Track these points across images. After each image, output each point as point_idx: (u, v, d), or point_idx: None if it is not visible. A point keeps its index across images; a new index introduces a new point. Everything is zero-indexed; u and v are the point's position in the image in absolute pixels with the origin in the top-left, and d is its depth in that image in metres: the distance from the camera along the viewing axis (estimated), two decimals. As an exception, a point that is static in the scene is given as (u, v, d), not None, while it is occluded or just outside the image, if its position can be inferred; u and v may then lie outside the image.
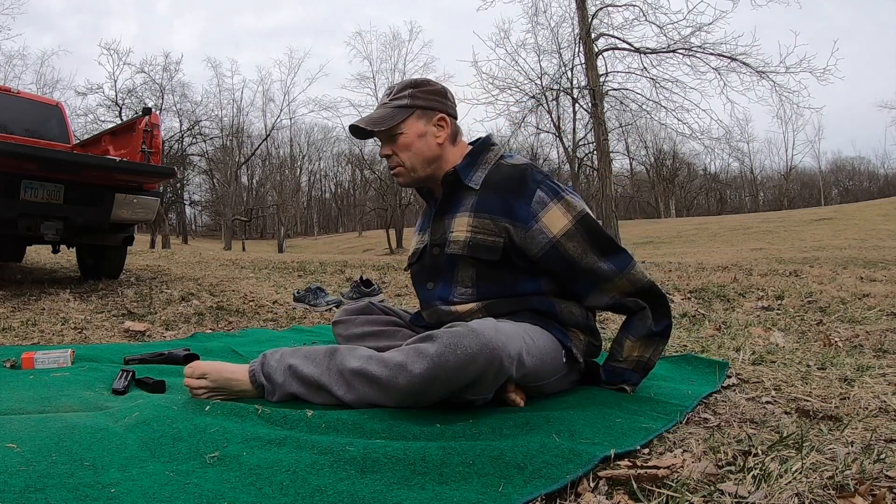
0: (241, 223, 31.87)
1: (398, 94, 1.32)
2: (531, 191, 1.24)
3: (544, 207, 1.23)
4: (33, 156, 2.83)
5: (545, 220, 1.23)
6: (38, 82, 25.37)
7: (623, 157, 32.96)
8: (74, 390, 1.24)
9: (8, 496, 0.70)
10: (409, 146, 1.31)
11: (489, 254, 1.25)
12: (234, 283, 3.96)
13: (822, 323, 2.33)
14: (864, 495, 0.73)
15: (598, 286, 1.27)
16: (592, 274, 1.25)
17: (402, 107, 1.30)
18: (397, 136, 1.31)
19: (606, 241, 1.26)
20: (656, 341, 1.30)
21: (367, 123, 1.30)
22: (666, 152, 38.70)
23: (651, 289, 1.29)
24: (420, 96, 1.31)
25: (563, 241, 1.23)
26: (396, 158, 1.33)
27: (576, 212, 1.24)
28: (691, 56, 10.04)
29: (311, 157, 42.16)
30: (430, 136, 1.31)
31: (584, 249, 1.24)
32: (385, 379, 1.06)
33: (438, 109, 1.32)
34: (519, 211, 1.24)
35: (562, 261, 1.24)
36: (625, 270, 1.26)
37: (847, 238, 14.84)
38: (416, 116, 1.30)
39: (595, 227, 1.25)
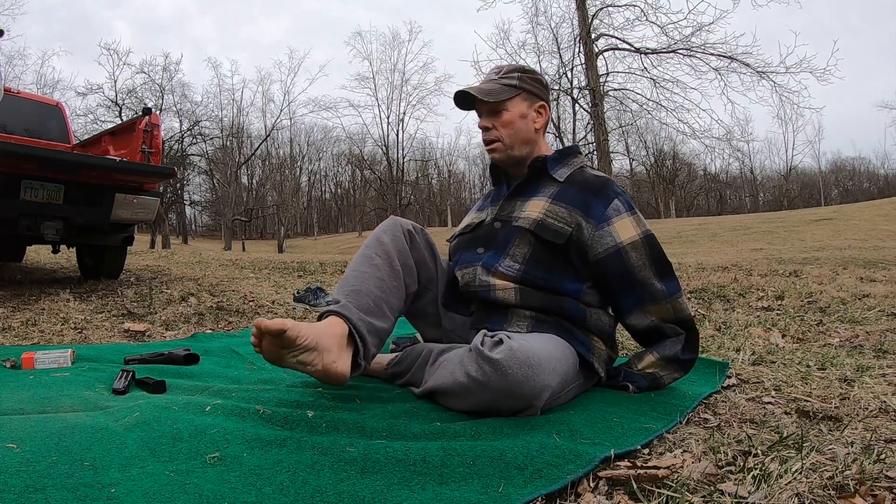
0: (241, 223, 31.87)
1: (508, 74, 1.38)
2: (609, 198, 1.31)
3: (618, 215, 1.29)
4: (33, 156, 2.83)
5: (617, 225, 1.28)
6: (38, 82, 25.37)
7: (623, 157, 33.00)
8: (74, 390, 1.24)
9: (8, 496, 0.70)
10: (511, 124, 1.36)
11: (554, 236, 1.28)
12: (234, 284, 3.96)
13: (822, 323, 2.33)
14: (864, 496, 0.73)
15: (644, 304, 1.30)
16: (644, 288, 1.29)
17: (510, 86, 1.36)
18: (501, 112, 1.36)
19: (666, 264, 1.30)
20: (675, 367, 1.32)
21: (478, 92, 1.34)
22: (666, 153, 38.73)
23: (689, 322, 1.33)
24: (529, 81, 1.38)
25: (628, 248, 1.27)
26: (495, 133, 1.37)
27: (645, 228, 1.31)
28: (692, 56, 10.06)
29: (311, 158, 42.20)
30: (529, 120, 1.37)
31: (643, 263, 1.28)
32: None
33: (541, 98, 1.40)
34: (595, 210, 1.29)
35: (621, 267, 1.28)
36: (673, 296, 1.30)
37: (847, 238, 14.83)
38: (522, 98, 1.37)
39: (659, 249, 1.31)
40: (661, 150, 38.67)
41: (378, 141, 31.03)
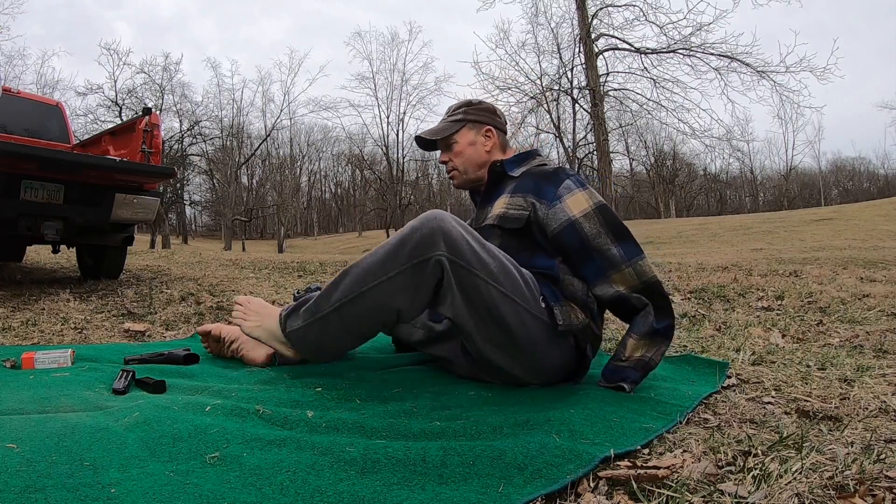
0: (241, 223, 31.86)
1: (454, 112, 1.58)
2: (561, 179, 1.40)
3: (569, 192, 1.38)
4: (33, 156, 2.83)
5: (568, 201, 1.36)
6: (38, 82, 25.37)
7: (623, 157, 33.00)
8: (74, 390, 1.23)
9: (8, 496, 0.70)
10: (462, 153, 1.54)
11: (514, 223, 1.40)
12: (234, 284, 3.96)
13: (822, 323, 2.33)
14: (864, 496, 0.73)
15: (605, 272, 1.33)
16: (601, 255, 1.33)
17: (456, 121, 1.55)
18: (452, 145, 1.55)
19: (621, 228, 1.35)
20: (658, 341, 1.32)
21: (428, 134, 1.56)
22: (666, 153, 38.73)
23: (655, 286, 1.34)
24: (472, 112, 1.55)
25: (580, 220, 1.34)
26: (451, 164, 1.56)
27: (597, 199, 1.37)
28: (691, 56, 10.06)
29: (311, 158, 42.21)
30: (479, 145, 1.54)
31: (598, 231, 1.34)
32: None
33: (486, 123, 1.55)
34: (546, 191, 1.39)
35: (576, 238, 1.34)
36: (633, 259, 1.33)
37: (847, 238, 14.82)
38: (468, 128, 1.54)
39: (613, 216, 1.36)
40: (661, 150, 38.69)
41: (378, 141, 31.05)
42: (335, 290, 1.30)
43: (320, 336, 1.33)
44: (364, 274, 1.26)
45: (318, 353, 1.38)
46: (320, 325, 1.32)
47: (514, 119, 13.87)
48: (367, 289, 1.25)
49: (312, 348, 1.37)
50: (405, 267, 1.22)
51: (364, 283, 1.25)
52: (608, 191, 9.76)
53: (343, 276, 1.30)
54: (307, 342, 1.35)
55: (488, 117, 1.56)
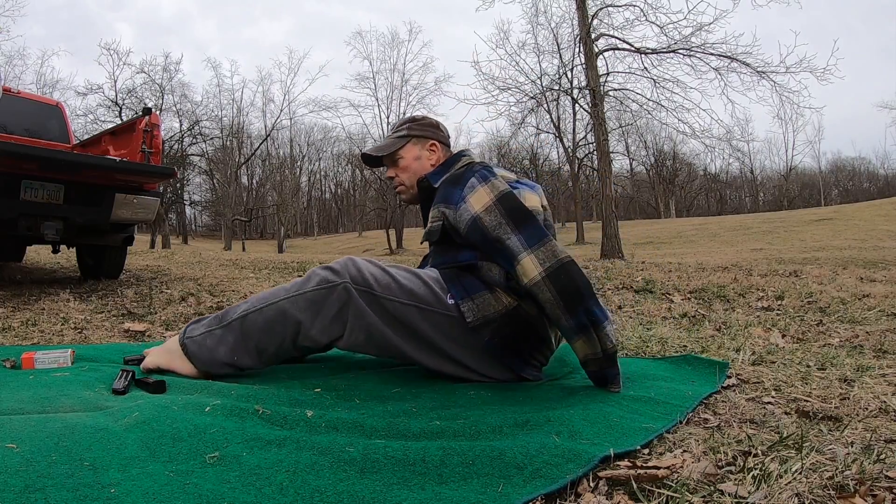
0: (241, 223, 31.87)
1: (398, 128, 1.60)
2: (466, 179, 1.41)
3: (472, 190, 1.38)
4: (33, 156, 2.83)
5: (471, 199, 1.37)
6: (38, 82, 25.37)
7: (623, 157, 33.05)
8: (74, 390, 1.23)
9: (8, 496, 0.70)
10: (407, 168, 1.57)
11: (434, 236, 1.46)
12: (234, 284, 3.96)
13: (822, 323, 2.33)
14: (864, 496, 0.73)
15: (511, 264, 1.32)
16: (502, 245, 1.32)
17: (400, 136, 1.58)
18: (398, 160, 1.57)
19: (522, 214, 1.33)
20: (589, 331, 1.26)
21: (373, 150, 1.59)
22: (666, 153, 38.73)
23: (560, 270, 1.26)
24: (416, 128, 1.58)
25: (481, 215, 1.34)
26: (398, 178, 1.59)
27: (497, 191, 1.36)
28: (691, 56, 10.04)
29: (311, 158, 42.23)
30: (424, 159, 1.56)
31: (498, 222, 1.33)
32: None
33: (430, 137, 1.58)
34: (453, 195, 1.41)
35: (479, 234, 1.35)
36: (533, 247, 1.29)
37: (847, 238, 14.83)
38: (412, 143, 1.57)
39: (514, 203, 1.35)
40: (661, 150, 38.69)
41: (378, 141, 31.02)
42: (244, 303, 1.39)
43: (217, 345, 1.35)
44: (277, 290, 1.37)
45: (210, 362, 1.36)
46: (221, 333, 1.35)
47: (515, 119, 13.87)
48: (275, 301, 1.34)
49: (206, 357, 1.35)
50: (314, 288, 1.33)
51: (274, 296, 1.35)
52: (608, 191, 9.74)
53: (255, 295, 1.40)
54: (203, 349, 1.35)
55: (432, 132, 1.59)
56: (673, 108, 10.67)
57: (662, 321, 2.50)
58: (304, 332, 1.33)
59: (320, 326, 1.33)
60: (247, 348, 1.35)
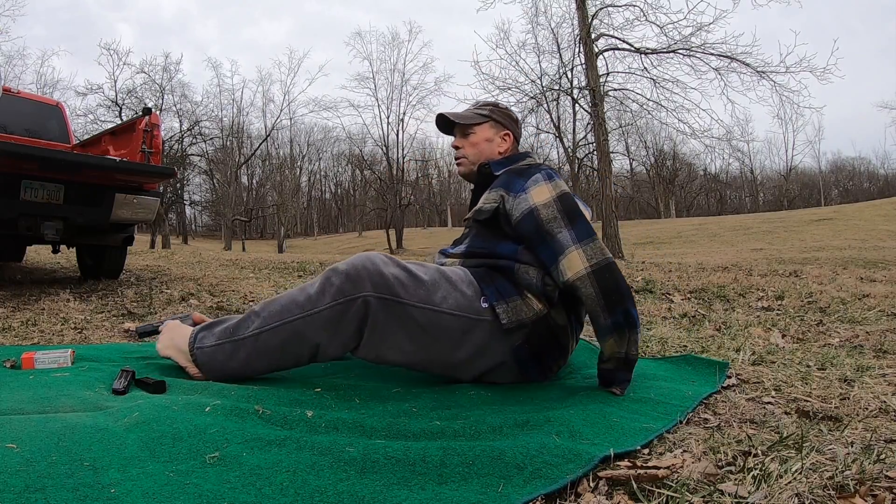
0: (241, 223, 31.86)
1: (482, 106, 1.64)
2: (531, 174, 1.44)
3: (536, 184, 1.41)
4: (33, 156, 2.82)
5: (532, 191, 1.40)
6: (38, 82, 25.36)
7: (623, 157, 33.02)
8: (74, 390, 1.23)
9: (8, 496, 0.70)
10: (477, 145, 1.59)
11: (484, 214, 1.46)
12: (234, 284, 3.96)
13: (822, 323, 2.33)
14: (864, 496, 0.73)
15: (556, 257, 1.33)
16: (552, 238, 1.34)
17: (481, 114, 1.61)
18: (469, 135, 1.60)
19: (575, 212, 1.37)
20: (624, 333, 1.29)
21: (452, 116, 1.61)
22: (666, 153, 38.73)
23: (604, 270, 1.29)
24: (498, 113, 1.61)
25: (539, 207, 1.37)
26: (463, 151, 1.61)
27: (559, 190, 1.40)
28: (691, 56, 10.04)
29: (311, 158, 42.23)
30: (494, 144, 1.60)
31: (553, 217, 1.36)
32: None
33: (507, 128, 1.62)
34: (515, 184, 1.43)
35: (532, 224, 1.37)
36: (583, 241, 1.32)
37: (847, 238, 14.83)
38: (490, 125, 1.60)
39: (570, 202, 1.39)
40: (661, 150, 38.69)
41: (378, 141, 31.02)
42: (257, 317, 1.31)
43: (228, 360, 1.31)
44: (290, 305, 1.29)
45: (220, 372, 1.32)
46: (232, 348, 1.30)
47: (514, 119, 13.78)
48: (291, 319, 1.28)
49: (216, 367, 1.32)
50: (332, 304, 1.26)
51: (290, 312, 1.28)
52: (608, 191, 9.73)
53: (268, 304, 1.32)
54: (213, 360, 1.32)
55: (510, 123, 1.63)
56: (673, 108, 10.67)
57: (662, 321, 2.50)
58: (322, 352, 1.30)
59: (338, 344, 1.29)
60: (260, 365, 1.32)
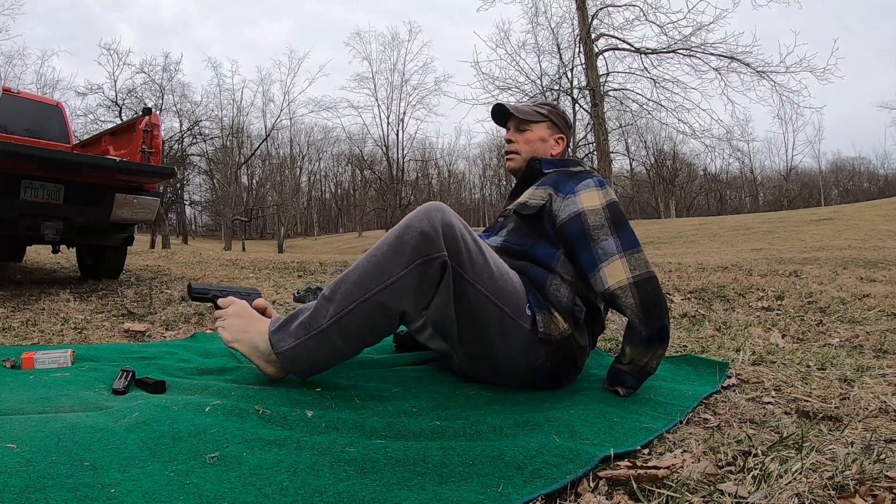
0: (241, 223, 31.85)
1: (541, 105, 1.63)
2: (582, 178, 1.44)
3: (586, 189, 1.40)
4: (33, 156, 2.82)
5: (582, 195, 1.39)
6: (38, 82, 25.36)
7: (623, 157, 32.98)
8: (74, 390, 1.23)
9: (8, 496, 0.70)
10: (530, 142, 1.58)
11: (528, 209, 1.44)
12: (234, 283, 3.96)
13: (822, 323, 2.33)
14: (864, 496, 0.73)
15: (598, 264, 1.31)
16: (596, 244, 1.33)
17: (541, 113, 1.60)
18: (525, 131, 1.59)
19: (623, 224, 1.36)
20: (654, 346, 1.28)
21: (512, 109, 1.59)
22: (666, 153, 38.74)
23: (647, 283, 1.27)
24: (556, 116, 1.62)
25: (587, 212, 1.36)
26: (516, 146, 1.59)
27: (609, 197, 1.39)
28: (692, 56, 10.05)
29: (311, 158, 42.22)
30: (548, 145, 1.60)
31: (600, 223, 1.35)
32: None
33: (562, 131, 1.62)
34: (565, 185, 1.43)
35: (578, 227, 1.36)
36: (628, 251, 1.31)
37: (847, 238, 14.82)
38: (547, 125, 1.60)
39: (618, 211, 1.38)
40: (661, 150, 38.70)
41: (378, 141, 31.07)
42: (330, 302, 1.20)
43: (314, 354, 1.22)
44: (364, 279, 1.18)
45: (310, 371, 1.27)
46: (315, 343, 1.21)
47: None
48: (369, 295, 1.17)
49: (304, 367, 1.25)
50: (410, 268, 1.16)
51: (365, 288, 1.17)
52: (608, 191, 9.72)
53: (339, 285, 1.21)
54: (299, 361, 1.23)
55: (566, 128, 1.64)
56: (673, 108, 10.69)
57: (662, 321, 2.49)
58: (408, 319, 1.24)
59: (421, 306, 1.22)
60: (349, 349, 1.24)
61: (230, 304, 1.32)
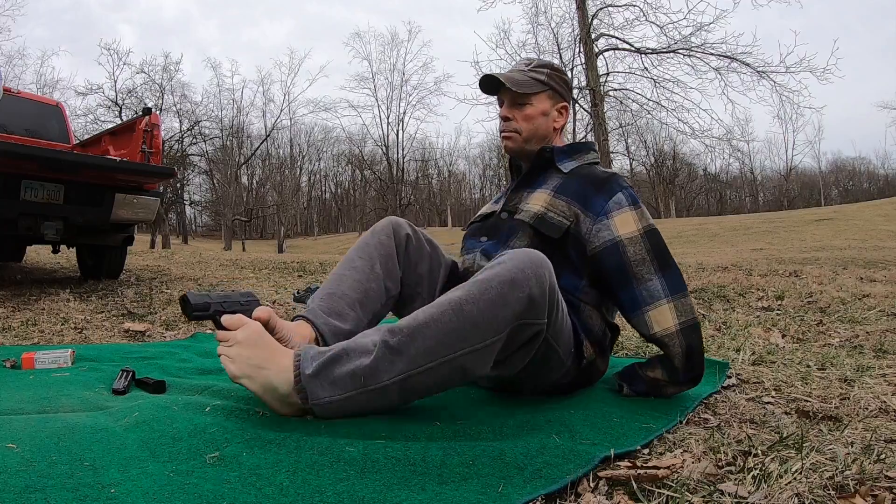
0: (241, 223, 31.87)
1: (537, 68, 1.39)
2: (613, 191, 1.28)
3: (619, 209, 1.25)
4: (33, 156, 2.83)
5: (617, 219, 1.25)
6: (38, 82, 25.36)
7: (623, 157, 33.04)
8: (74, 390, 1.23)
9: (8, 496, 0.70)
10: (532, 119, 1.37)
11: (551, 230, 1.27)
12: (234, 284, 3.96)
13: (822, 323, 2.33)
14: (864, 496, 0.73)
15: (642, 306, 1.21)
16: (641, 284, 1.21)
17: (538, 80, 1.37)
18: (525, 105, 1.37)
19: (667, 257, 1.24)
20: (684, 385, 1.26)
21: (507, 80, 1.34)
22: (666, 153, 38.75)
23: (693, 330, 1.21)
24: (557, 80, 1.39)
25: (625, 242, 1.23)
26: (514, 124, 1.38)
27: (647, 223, 1.26)
28: (692, 56, 10.05)
29: (311, 158, 42.21)
30: (550, 119, 1.39)
31: (642, 258, 1.22)
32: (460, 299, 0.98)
33: (565, 98, 1.41)
34: (595, 203, 1.27)
35: (616, 261, 1.22)
36: (676, 295, 1.21)
37: (847, 238, 14.82)
38: (548, 95, 1.38)
39: (659, 241, 1.25)
40: (661, 150, 38.71)
41: (378, 141, 31.11)
42: (398, 356, 0.97)
43: (363, 408, 1.00)
44: (449, 337, 0.97)
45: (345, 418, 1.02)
46: (368, 398, 0.99)
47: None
48: (452, 356, 0.98)
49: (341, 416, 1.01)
50: (505, 333, 1.00)
51: (449, 348, 0.97)
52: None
53: (412, 338, 0.98)
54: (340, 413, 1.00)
55: (568, 93, 1.42)
56: (673, 108, 10.69)
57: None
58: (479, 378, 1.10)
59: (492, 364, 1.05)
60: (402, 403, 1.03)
61: (238, 324, 1.03)
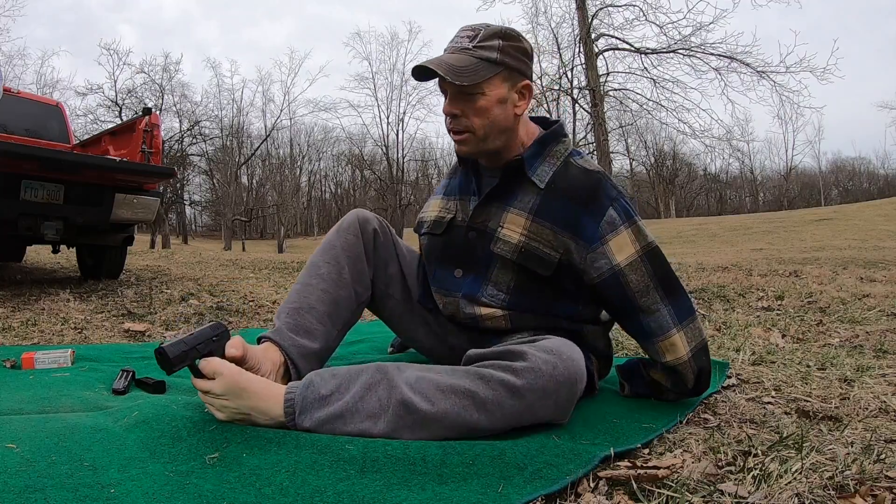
0: (241, 223, 31.86)
1: (485, 43, 1.08)
2: (603, 207, 1.10)
3: (613, 230, 1.10)
4: (33, 156, 2.83)
5: (612, 244, 1.09)
6: (38, 82, 25.36)
7: (623, 157, 33.06)
8: (74, 390, 1.23)
9: (8, 496, 0.70)
10: (487, 111, 1.09)
11: (540, 267, 1.11)
12: (234, 284, 3.96)
13: (822, 323, 2.33)
14: (864, 496, 0.73)
15: (651, 338, 1.14)
16: (648, 315, 1.12)
17: (489, 60, 1.07)
18: (476, 96, 1.08)
19: (672, 283, 1.13)
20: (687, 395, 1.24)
21: (447, 71, 1.04)
22: (666, 153, 38.77)
23: (702, 352, 1.17)
24: (511, 53, 1.09)
25: (626, 271, 1.09)
26: (466, 122, 1.11)
27: (645, 241, 1.12)
28: (692, 56, 10.06)
29: (311, 158, 42.19)
30: (510, 104, 1.11)
31: (646, 286, 1.10)
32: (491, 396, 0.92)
33: (525, 74, 1.12)
34: (585, 228, 1.10)
35: (619, 293, 1.11)
36: (685, 322, 1.14)
37: (847, 238, 14.82)
38: (502, 77, 1.09)
39: (663, 265, 1.13)
40: (661, 150, 38.73)
41: (378, 141, 31.09)
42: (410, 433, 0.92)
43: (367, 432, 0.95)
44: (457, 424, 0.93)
45: None
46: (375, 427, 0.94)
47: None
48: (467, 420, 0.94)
49: None
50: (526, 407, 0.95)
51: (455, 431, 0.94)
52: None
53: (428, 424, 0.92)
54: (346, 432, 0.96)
55: (527, 66, 1.13)
56: (673, 108, 10.70)
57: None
58: None
59: None
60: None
61: (215, 370, 0.93)
